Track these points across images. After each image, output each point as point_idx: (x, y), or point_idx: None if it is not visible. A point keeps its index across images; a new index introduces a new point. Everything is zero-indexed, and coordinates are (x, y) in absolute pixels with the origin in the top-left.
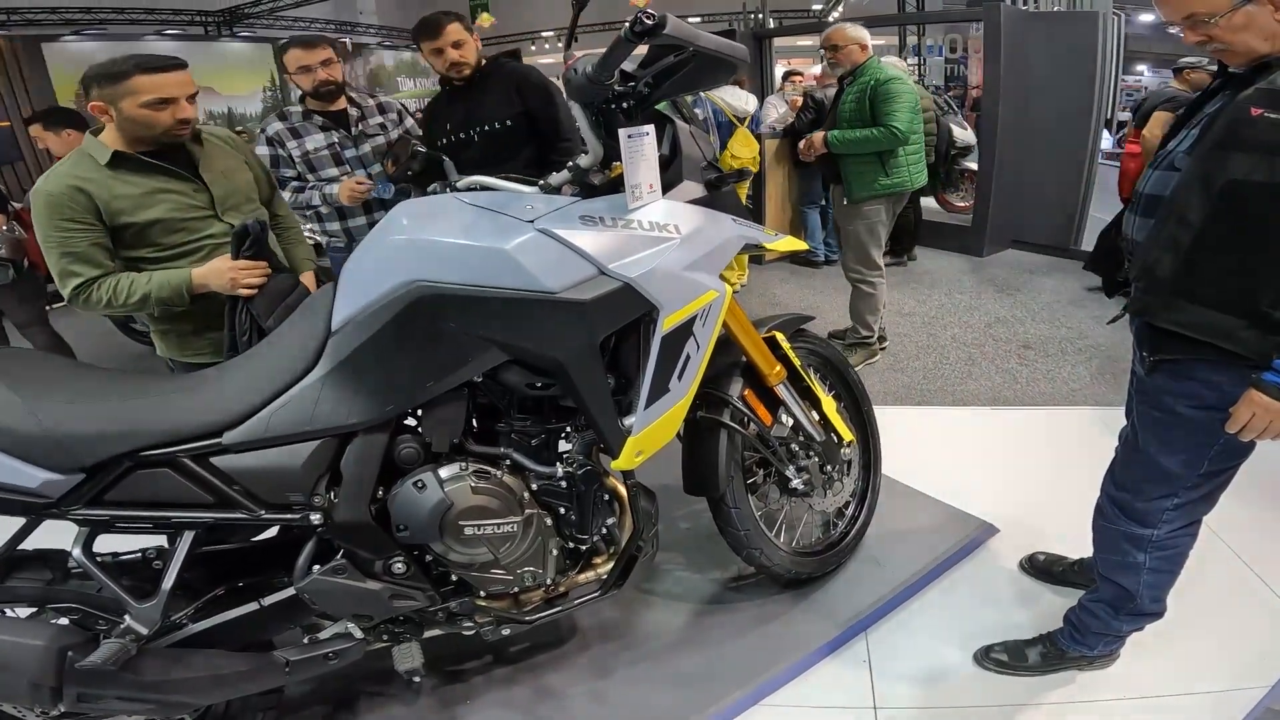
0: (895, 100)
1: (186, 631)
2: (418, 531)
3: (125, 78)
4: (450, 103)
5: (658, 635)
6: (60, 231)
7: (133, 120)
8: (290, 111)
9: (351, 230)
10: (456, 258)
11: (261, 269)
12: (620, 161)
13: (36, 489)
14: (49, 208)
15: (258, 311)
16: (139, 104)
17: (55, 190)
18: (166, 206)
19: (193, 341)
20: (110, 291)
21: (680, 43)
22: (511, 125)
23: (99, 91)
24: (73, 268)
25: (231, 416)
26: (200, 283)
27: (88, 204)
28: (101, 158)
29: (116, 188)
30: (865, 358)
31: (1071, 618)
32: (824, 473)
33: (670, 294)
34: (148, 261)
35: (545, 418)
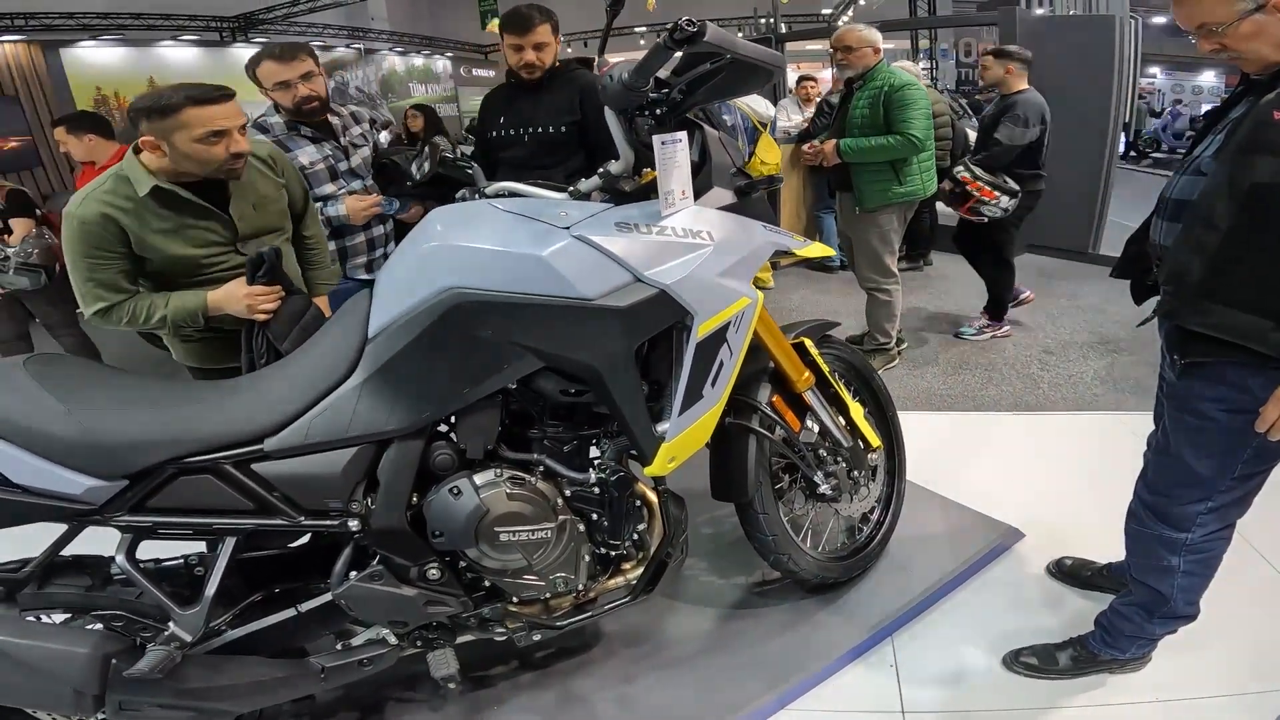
0: (911, 107)
1: (225, 638)
2: (453, 537)
3: (176, 111)
4: (510, 98)
5: (683, 640)
6: (88, 259)
7: (187, 156)
8: (271, 123)
9: (348, 249)
10: (493, 264)
11: (275, 294)
12: (650, 168)
13: (80, 495)
14: (81, 236)
15: (274, 334)
16: (192, 138)
17: (89, 218)
18: (192, 243)
19: (212, 352)
20: (129, 313)
21: (718, 50)
22: (565, 132)
23: (148, 125)
24: (97, 291)
25: (272, 423)
26: (215, 306)
27: (119, 234)
28: (140, 189)
29: (150, 221)
30: (883, 363)
31: (1103, 621)
32: (851, 478)
33: (705, 301)
34: (166, 286)
35: (578, 424)
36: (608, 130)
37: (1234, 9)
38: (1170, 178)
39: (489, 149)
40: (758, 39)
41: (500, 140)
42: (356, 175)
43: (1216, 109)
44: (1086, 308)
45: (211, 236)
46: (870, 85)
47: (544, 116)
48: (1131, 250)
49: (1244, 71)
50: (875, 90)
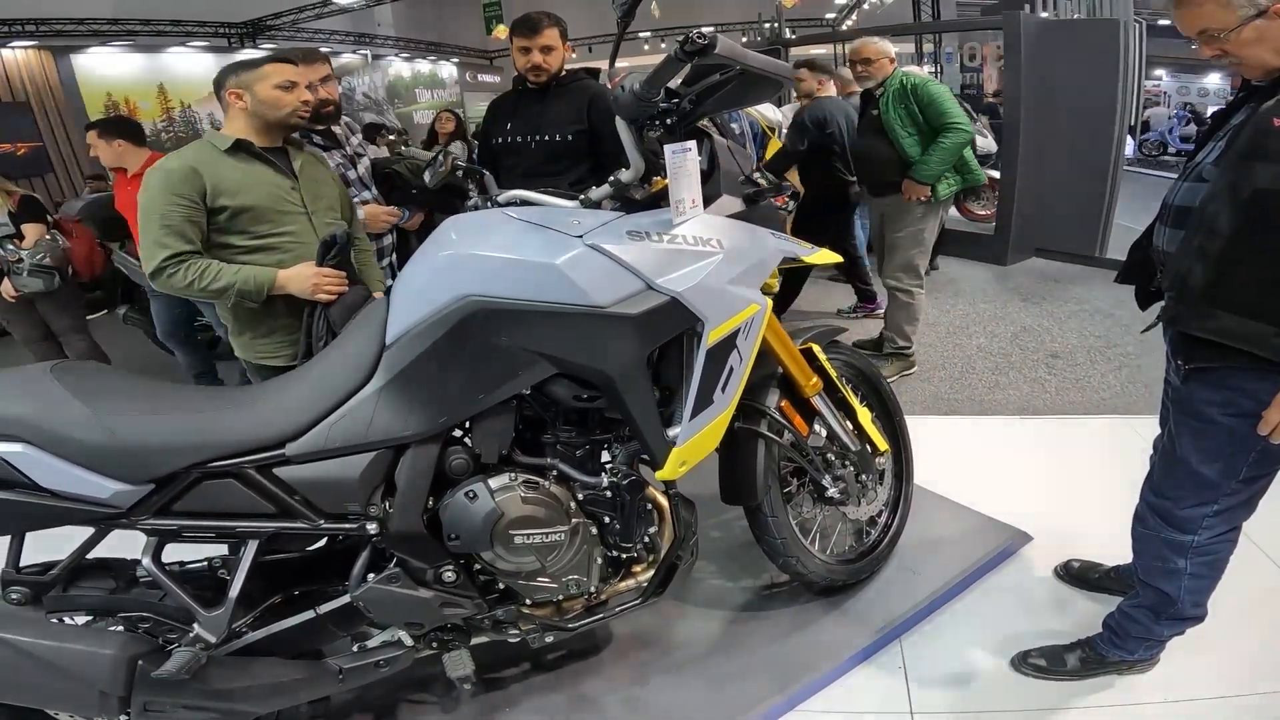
0: (940, 99)
1: (245, 640)
2: (469, 540)
3: (260, 65)
4: (517, 104)
5: (692, 642)
6: (166, 203)
7: (264, 102)
8: None
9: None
10: (508, 273)
11: (341, 278)
12: (660, 176)
13: (107, 500)
14: (165, 180)
15: (334, 319)
16: (272, 85)
17: (175, 167)
18: (262, 194)
19: (261, 344)
20: (197, 273)
21: (728, 62)
22: (572, 141)
23: (236, 79)
24: (165, 239)
25: (293, 428)
26: (282, 284)
27: (198, 183)
28: (222, 145)
29: (225, 170)
30: (901, 369)
31: (1111, 623)
32: (859, 482)
33: (715, 308)
34: (234, 249)
35: (590, 429)
36: (614, 139)
37: (1235, 15)
38: (1172, 184)
39: (495, 155)
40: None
41: (506, 147)
42: (364, 184)
43: (1217, 115)
44: (1094, 311)
45: (281, 194)
46: (890, 90)
47: (551, 124)
48: (1135, 256)
49: (1245, 77)
50: (897, 90)
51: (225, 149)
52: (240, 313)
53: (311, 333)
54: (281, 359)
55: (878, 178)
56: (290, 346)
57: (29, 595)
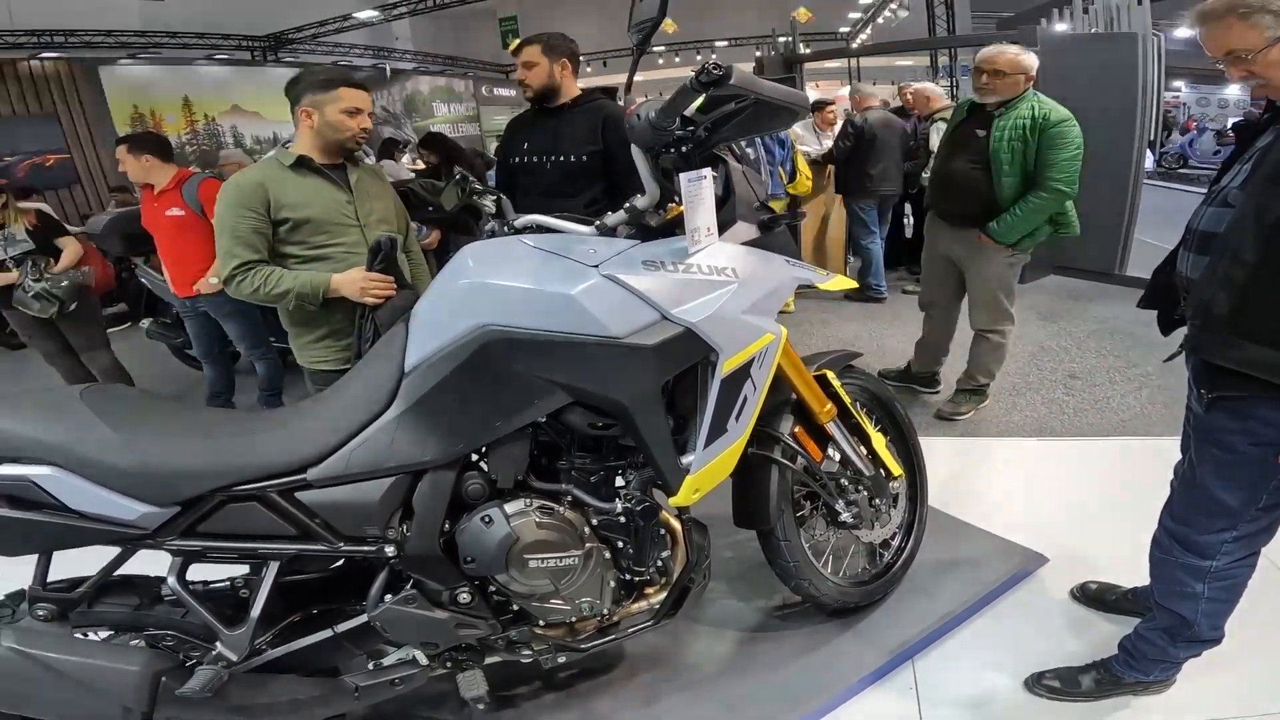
0: (1065, 149)
1: (264, 657)
2: (484, 563)
3: (334, 87)
4: (533, 124)
5: (704, 663)
6: (235, 216)
7: (330, 124)
8: None
9: None
10: (525, 303)
11: (389, 283)
12: (675, 202)
13: (134, 521)
14: (237, 195)
15: (381, 321)
16: (340, 109)
17: (244, 183)
18: (320, 207)
19: (315, 349)
20: (262, 279)
21: (744, 92)
22: (586, 161)
23: (311, 98)
24: (235, 249)
25: (315, 453)
26: (335, 287)
27: (264, 197)
28: (287, 161)
29: (288, 184)
30: (979, 402)
31: (1127, 644)
32: (873, 506)
33: (730, 338)
34: (293, 259)
35: (604, 456)
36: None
37: (1263, 36)
38: (1197, 208)
39: (512, 174)
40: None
41: (522, 166)
42: None
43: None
44: (1114, 331)
45: (338, 207)
46: (1014, 115)
47: (566, 145)
48: (1159, 281)
49: (1270, 100)
50: (1022, 123)
51: (289, 164)
52: (298, 318)
53: (361, 335)
54: (333, 363)
55: (960, 208)
56: (342, 351)
57: (55, 612)
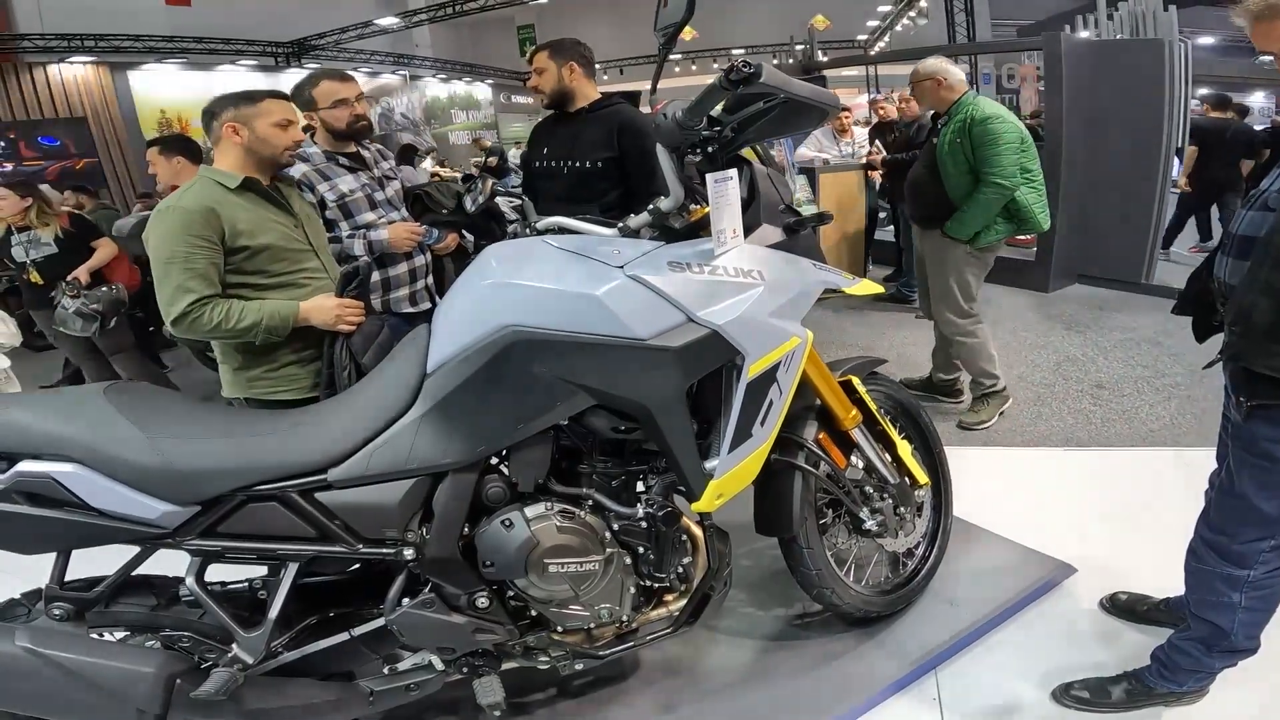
0: (994, 144)
1: (280, 660)
2: (504, 568)
3: (259, 100)
4: (553, 129)
5: (722, 671)
6: (188, 246)
7: (263, 139)
8: (310, 153)
9: (391, 279)
10: (549, 303)
11: (361, 308)
12: (699, 204)
13: (155, 520)
14: (184, 222)
15: (355, 348)
16: (270, 123)
17: (192, 207)
18: (276, 235)
19: (273, 378)
20: (223, 314)
21: (773, 91)
22: (602, 168)
23: (235, 113)
24: (190, 284)
25: (335, 454)
26: (304, 316)
27: (216, 224)
28: (230, 183)
29: (240, 210)
30: (999, 406)
31: (1160, 655)
32: (897, 514)
33: (756, 341)
34: (252, 289)
35: (626, 460)
36: (644, 166)
37: None
38: (1237, 212)
39: (533, 179)
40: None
41: (542, 171)
42: (393, 206)
43: None
44: (1140, 340)
45: (290, 233)
46: (955, 120)
47: (583, 150)
48: (1194, 287)
49: None
50: (960, 123)
51: (234, 187)
52: (250, 348)
53: (334, 363)
54: (293, 392)
55: (923, 210)
56: (305, 379)
57: (72, 611)
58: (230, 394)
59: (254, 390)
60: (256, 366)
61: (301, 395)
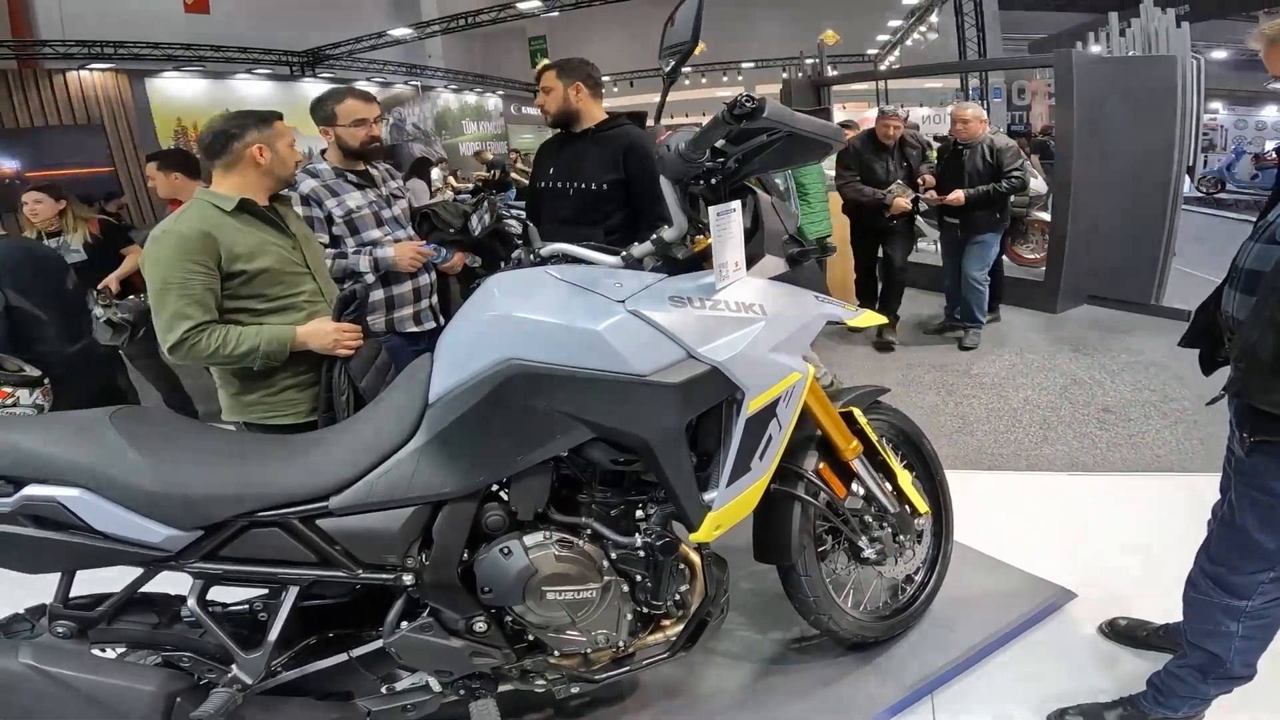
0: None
1: (279, 680)
2: (502, 594)
3: (272, 120)
4: (559, 149)
5: (719, 693)
6: (184, 272)
7: (283, 159)
8: (319, 169)
9: (395, 298)
10: (550, 337)
11: (359, 333)
12: (703, 235)
13: (158, 544)
14: (180, 247)
15: (353, 372)
16: (287, 143)
17: (188, 232)
18: (273, 258)
19: (271, 403)
20: (220, 340)
21: (777, 126)
22: (607, 190)
23: (259, 134)
24: (187, 309)
25: (337, 482)
26: (302, 340)
27: (213, 248)
28: (227, 205)
29: (234, 233)
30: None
31: (1156, 681)
32: (896, 542)
33: (756, 377)
34: (249, 313)
35: (625, 490)
36: (649, 189)
37: None
38: (1243, 244)
39: (538, 199)
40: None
41: (548, 191)
42: (399, 224)
43: None
44: (1148, 364)
45: (287, 255)
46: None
47: (588, 171)
48: (1201, 320)
49: None
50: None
51: (230, 209)
52: (248, 373)
53: (333, 387)
54: (292, 416)
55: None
56: (303, 404)
57: (75, 629)
58: (229, 418)
59: (252, 415)
60: (254, 391)
61: (300, 420)
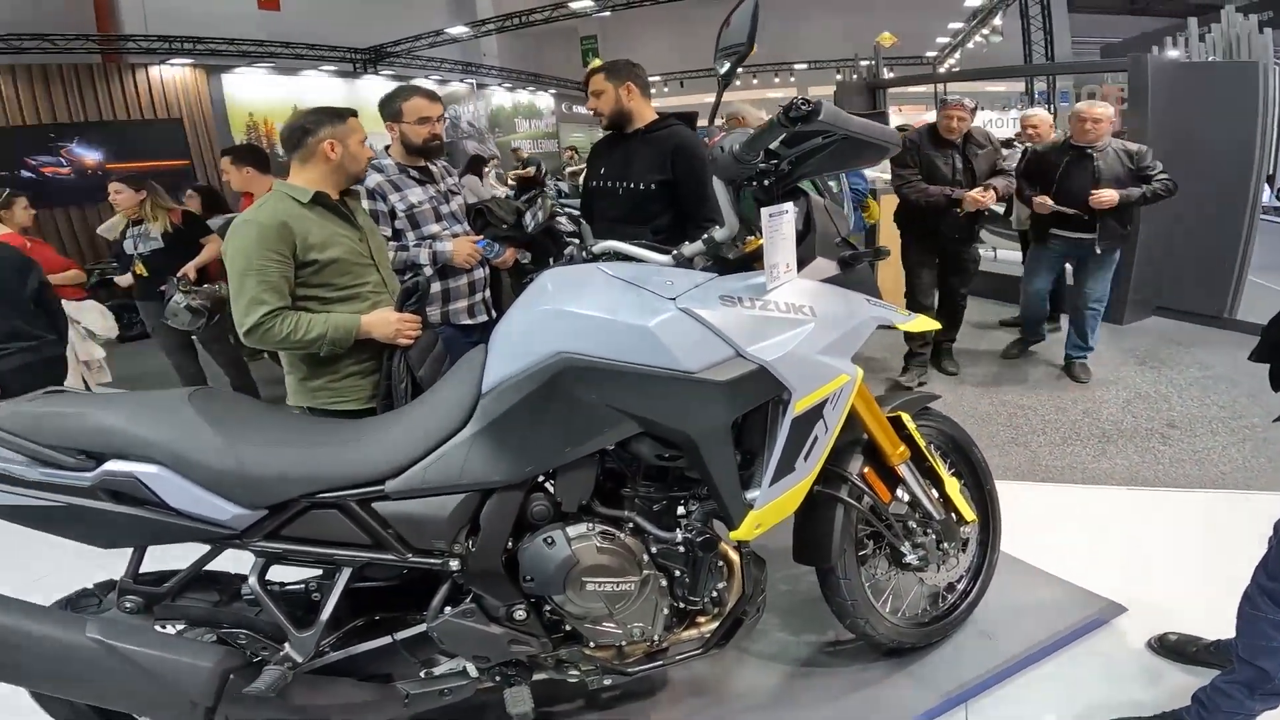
0: None
1: (325, 660)
2: (543, 583)
3: (345, 117)
4: (610, 149)
5: (749, 694)
6: (263, 259)
7: (353, 156)
8: (384, 164)
9: (451, 290)
10: (602, 332)
11: (419, 323)
12: (754, 235)
13: (226, 522)
14: (261, 237)
15: (412, 361)
16: (359, 140)
17: (267, 222)
18: (343, 249)
19: (335, 389)
20: (291, 325)
21: (832, 129)
22: (655, 190)
23: (332, 130)
24: (264, 295)
25: (394, 466)
26: (365, 329)
27: (289, 238)
28: (303, 197)
29: (309, 224)
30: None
31: (1201, 696)
32: (940, 549)
33: (804, 378)
34: (318, 301)
35: (668, 486)
36: (696, 190)
37: None
38: None
39: (590, 198)
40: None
41: (598, 190)
42: (456, 219)
43: None
44: (1218, 378)
45: (355, 246)
46: None
47: (637, 171)
48: (1274, 334)
49: None
50: None
51: (305, 202)
52: (316, 359)
53: (392, 375)
54: (353, 403)
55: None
56: (364, 390)
57: (141, 605)
58: (294, 402)
59: (317, 400)
60: (320, 376)
61: (360, 406)
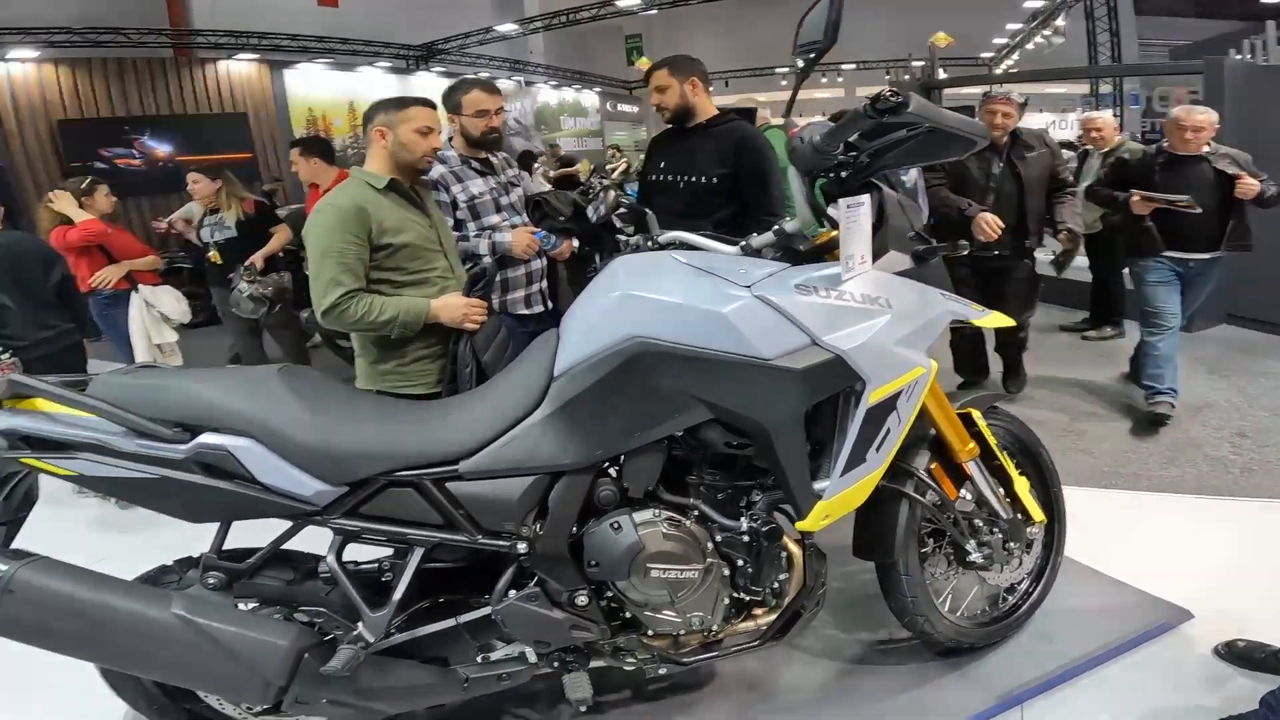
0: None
1: (391, 641)
2: (608, 568)
3: (406, 106)
4: (670, 143)
5: (799, 689)
6: (343, 242)
7: (404, 145)
8: (448, 156)
9: (509, 281)
10: (675, 317)
11: (485, 308)
12: (825, 228)
13: (309, 497)
14: (339, 220)
15: (478, 346)
16: (412, 129)
17: (346, 206)
18: (414, 234)
19: (404, 372)
20: (366, 307)
21: (919, 120)
22: (716, 184)
23: (384, 117)
24: (341, 277)
25: (468, 447)
26: (434, 313)
27: (365, 222)
28: (379, 183)
29: (384, 209)
30: None
31: (1270, 700)
32: (1005, 549)
33: (879, 368)
34: (389, 284)
35: (735, 474)
36: (758, 184)
37: None
38: None
39: (648, 192)
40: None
41: (658, 184)
42: (515, 210)
43: None
44: None
45: (426, 233)
46: None
47: (698, 165)
48: None
49: None
50: None
51: (381, 187)
52: (386, 342)
53: (458, 359)
54: (421, 387)
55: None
56: (432, 374)
57: (224, 581)
58: (363, 385)
59: (385, 383)
60: (389, 360)
61: (427, 390)
